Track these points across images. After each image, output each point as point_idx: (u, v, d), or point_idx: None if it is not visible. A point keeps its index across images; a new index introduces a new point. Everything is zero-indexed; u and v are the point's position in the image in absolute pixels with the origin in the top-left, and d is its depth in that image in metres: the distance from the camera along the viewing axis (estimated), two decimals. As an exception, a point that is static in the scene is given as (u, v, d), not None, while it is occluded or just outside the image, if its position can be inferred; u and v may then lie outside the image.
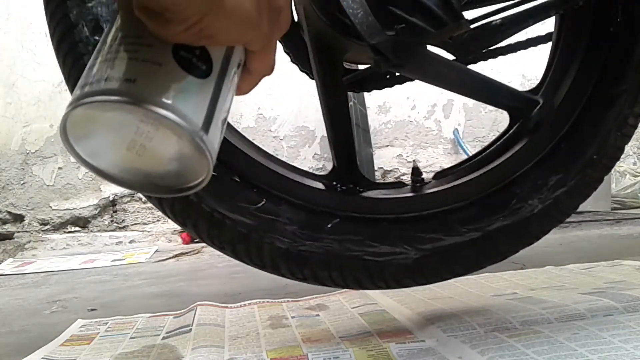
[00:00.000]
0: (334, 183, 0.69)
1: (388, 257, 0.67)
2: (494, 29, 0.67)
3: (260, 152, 0.67)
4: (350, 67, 0.75)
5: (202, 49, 0.32)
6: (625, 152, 0.92)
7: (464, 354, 0.61)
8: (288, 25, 0.36)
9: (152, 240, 2.23)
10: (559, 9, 0.68)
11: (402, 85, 0.74)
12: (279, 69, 0.42)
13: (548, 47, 0.74)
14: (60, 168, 2.29)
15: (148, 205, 2.26)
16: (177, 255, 1.83)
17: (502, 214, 0.69)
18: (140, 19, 0.30)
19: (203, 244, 1.91)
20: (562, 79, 0.71)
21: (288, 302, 0.95)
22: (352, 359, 0.63)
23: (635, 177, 2.46)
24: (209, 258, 1.74)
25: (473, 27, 0.65)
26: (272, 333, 0.76)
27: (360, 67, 0.76)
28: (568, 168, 0.70)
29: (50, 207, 2.28)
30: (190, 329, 0.79)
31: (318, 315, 0.85)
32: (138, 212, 2.32)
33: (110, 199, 2.31)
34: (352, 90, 0.78)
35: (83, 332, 0.86)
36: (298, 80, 1.05)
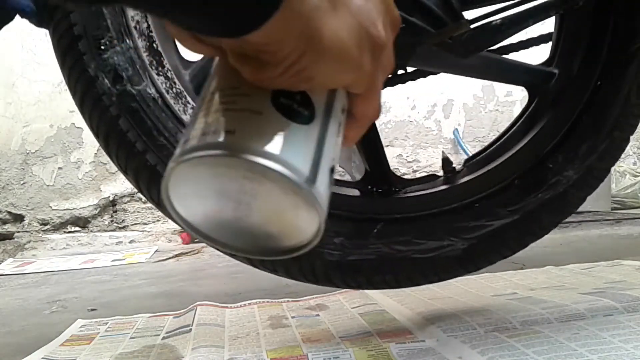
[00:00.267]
0: (369, 187, 0.69)
1: (437, 251, 0.68)
2: (494, 29, 0.67)
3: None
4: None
5: (302, 94, 0.30)
6: (625, 152, 0.92)
7: (464, 354, 0.61)
8: (392, 66, 0.33)
9: (152, 240, 2.22)
10: (559, 9, 0.68)
11: (402, 85, 0.74)
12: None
13: (548, 47, 0.74)
14: (60, 168, 2.29)
15: (148, 206, 2.26)
16: (177, 255, 1.83)
17: (540, 191, 0.70)
18: (236, 68, 0.28)
19: (203, 244, 1.92)
20: (575, 47, 0.71)
21: (288, 302, 0.95)
22: (352, 359, 0.63)
23: (635, 177, 2.46)
24: (209, 258, 1.73)
25: (473, 27, 0.65)
26: (272, 333, 0.76)
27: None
28: (596, 134, 0.70)
29: (50, 207, 2.28)
30: (190, 329, 0.79)
31: (318, 315, 0.85)
32: (138, 212, 2.32)
33: (110, 199, 2.31)
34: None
35: (83, 332, 0.86)
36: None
